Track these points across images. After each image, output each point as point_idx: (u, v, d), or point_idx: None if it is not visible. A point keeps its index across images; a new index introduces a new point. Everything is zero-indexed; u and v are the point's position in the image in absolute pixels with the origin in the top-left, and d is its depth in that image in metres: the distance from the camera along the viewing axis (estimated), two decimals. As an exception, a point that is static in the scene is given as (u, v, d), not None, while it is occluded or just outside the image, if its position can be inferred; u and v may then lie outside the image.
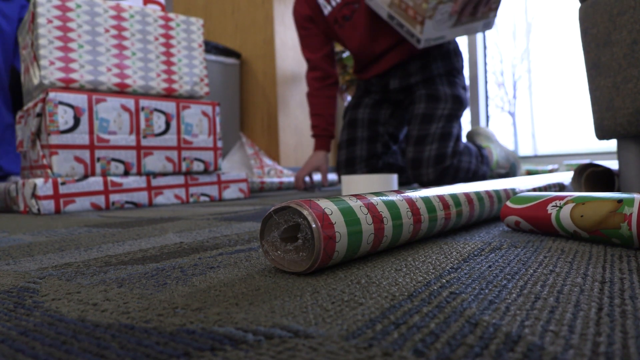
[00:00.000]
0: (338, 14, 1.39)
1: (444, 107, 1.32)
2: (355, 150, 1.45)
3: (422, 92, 1.35)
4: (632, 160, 0.69)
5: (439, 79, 1.36)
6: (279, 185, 1.64)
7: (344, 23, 1.39)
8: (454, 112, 1.33)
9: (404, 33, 1.25)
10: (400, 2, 1.20)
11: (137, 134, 1.10)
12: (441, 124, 1.30)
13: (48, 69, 1.01)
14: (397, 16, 1.23)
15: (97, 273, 0.33)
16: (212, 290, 0.27)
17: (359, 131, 1.45)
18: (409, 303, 0.23)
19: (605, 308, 0.21)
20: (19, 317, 0.23)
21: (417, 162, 1.30)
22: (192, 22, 1.24)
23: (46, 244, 0.50)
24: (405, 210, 0.36)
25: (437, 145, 1.28)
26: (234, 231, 0.55)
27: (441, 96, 1.33)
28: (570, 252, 0.34)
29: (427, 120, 1.31)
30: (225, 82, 2.17)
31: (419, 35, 1.20)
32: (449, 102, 1.33)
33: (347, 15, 1.37)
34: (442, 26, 1.20)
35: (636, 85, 0.63)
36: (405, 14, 1.21)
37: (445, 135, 1.29)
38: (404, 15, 1.21)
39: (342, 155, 1.47)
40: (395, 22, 1.25)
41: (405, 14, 1.20)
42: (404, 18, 1.22)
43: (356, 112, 1.48)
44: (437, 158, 1.27)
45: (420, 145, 1.30)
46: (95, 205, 1.02)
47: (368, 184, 0.91)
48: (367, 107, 1.47)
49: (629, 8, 0.63)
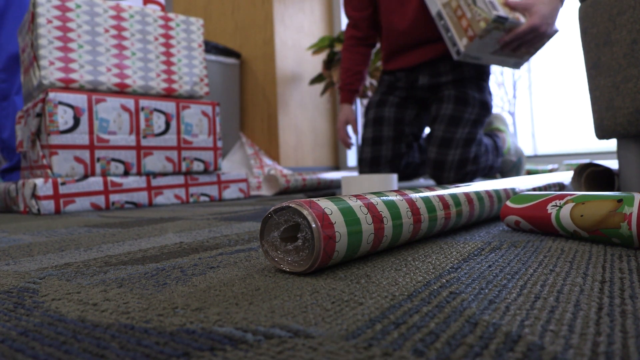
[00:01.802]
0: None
1: (472, 112, 1.32)
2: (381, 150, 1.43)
3: (452, 93, 1.34)
4: (632, 160, 0.69)
5: (469, 82, 1.36)
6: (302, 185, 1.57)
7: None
8: (480, 118, 1.33)
9: (446, 38, 1.22)
10: (457, 8, 1.16)
11: (137, 134, 1.10)
12: (467, 130, 1.30)
13: (48, 69, 1.01)
14: (447, 18, 1.20)
15: (97, 273, 0.33)
16: (212, 290, 0.27)
17: (385, 130, 1.44)
18: (409, 303, 0.23)
19: (605, 308, 0.21)
20: (19, 317, 0.23)
21: (439, 164, 1.30)
22: (192, 22, 1.24)
23: (46, 244, 0.50)
24: (405, 210, 0.36)
25: (461, 150, 1.28)
26: (234, 231, 0.55)
27: (470, 100, 1.32)
28: (570, 252, 0.34)
29: (454, 123, 1.31)
30: (225, 82, 2.17)
31: (461, 47, 1.18)
32: (477, 107, 1.33)
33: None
34: (484, 49, 1.19)
35: (636, 84, 0.63)
36: (457, 21, 1.18)
37: (469, 140, 1.30)
38: (455, 21, 1.18)
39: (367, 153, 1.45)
40: (443, 23, 1.21)
41: (458, 22, 1.17)
42: (453, 25, 1.18)
43: (382, 110, 1.45)
44: (459, 163, 1.28)
45: (445, 148, 1.30)
46: (95, 206, 1.02)
47: (368, 183, 0.91)
48: (393, 106, 1.45)
49: (628, 8, 0.63)
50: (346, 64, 1.50)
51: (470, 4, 1.14)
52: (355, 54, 1.49)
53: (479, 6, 1.12)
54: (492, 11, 1.09)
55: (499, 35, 1.14)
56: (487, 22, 1.10)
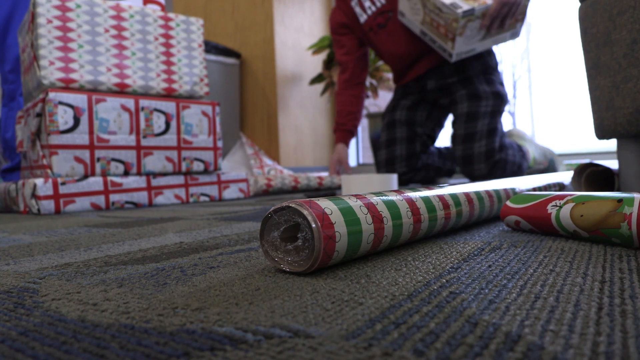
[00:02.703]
0: (373, 22, 1.46)
1: (486, 105, 1.37)
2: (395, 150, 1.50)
3: (462, 92, 1.40)
4: (632, 160, 0.69)
5: (476, 78, 1.41)
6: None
7: (378, 30, 1.46)
8: (496, 109, 1.38)
9: (437, 48, 1.32)
10: (432, 21, 1.26)
11: (137, 134, 1.10)
12: (486, 121, 1.35)
13: (48, 69, 1.01)
14: (429, 33, 1.30)
15: (97, 273, 0.33)
16: (212, 290, 0.27)
17: (397, 132, 1.50)
18: (409, 303, 0.23)
19: (605, 308, 0.21)
20: (19, 317, 0.23)
21: (468, 158, 1.35)
22: (192, 22, 1.24)
23: (46, 244, 0.50)
24: (405, 210, 0.36)
25: (485, 141, 1.33)
26: (234, 231, 0.55)
27: (481, 94, 1.37)
28: (570, 252, 0.34)
29: (471, 119, 1.36)
30: (225, 82, 2.17)
31: (450, 50, 1.27)
32: (490, 99, 1.37)
33: (382, 23, 1.45)
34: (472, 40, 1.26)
35: (636, 84, 0.63)
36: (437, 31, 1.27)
37: (491, 131, 1.35)
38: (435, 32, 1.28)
39: (382, 155, 1.53)
40: (428, 38, 1.32)
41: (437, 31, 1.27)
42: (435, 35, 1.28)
43: (394, 114, 1.54)
44: (487, 153, 1.33)
45: (469, 142, 1.35)
46: (95, 205, 1.02)
47: (368, 183, 0.91)
48: (404, 110, 1.52)
49: (628, 8, 0.63)
50: (339, 106, 1.58)
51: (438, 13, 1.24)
52: (348, 96, 1.57)
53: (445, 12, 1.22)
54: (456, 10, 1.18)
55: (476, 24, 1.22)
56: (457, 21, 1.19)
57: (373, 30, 1.48)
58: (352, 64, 1.56)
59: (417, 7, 1.30)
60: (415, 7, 1.30)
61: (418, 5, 1.29)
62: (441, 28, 1.25)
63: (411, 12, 1.32)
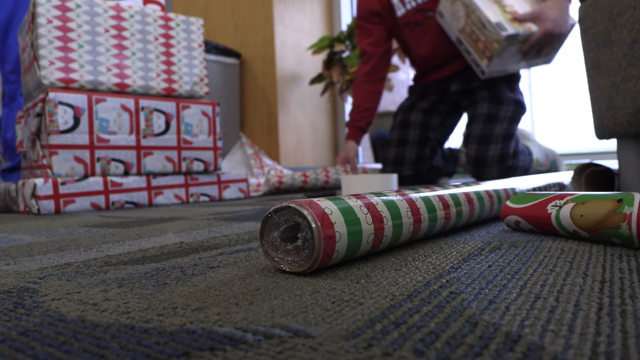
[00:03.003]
0: (411, 18, 1.42)
1: (507, 110, 1.36)
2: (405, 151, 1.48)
3: (485, 94, 1.39)
4: (632, 160, 0.69)
5: (501, 83, 1.40)
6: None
7: (414, 28, 1.43)
8: (516, 115, 1.37)
9: (470, 60, 1.30)
10: (472, 33, 1.23)
11: (137, 134, 1.10)
12: (505, 125, 1.35)
13: (48, 69, 1.01)
14: (466, 43, 1.28)
15: (97, 273, 0.33)
16: (212, 290, 0.27)
17: (410, 133, 1.49)
18: (409, 303, 0.23)
19: (605, 308, 0.21)
20: (19, 317, 0.23)
21: (481, 160, 1.34)
22: (192, 22, 1.24)
23: (46, 244, 0.50)
24: (405, 210, 0.36)
25: (501, 145, 1.33)
26: (234, 231, 0.55)
27: (504, 99, 1.37)
28: (570, 252, 0.34)
29: (491, 120, 1.35)
30: (225, 82, 2.17)
31: (484, 68, 1.25)
32: (512, 105, 1.37)
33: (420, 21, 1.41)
34: (507, 62, 1.25)
35: (636, 84, 0.63)
36: (474, 44, 1.24)
37: (508, 136, 1.34)
38: (473, 45, 1.25)
39: (391, 153, 1.50)
40: (463, 47, 1.29)
41: (475, 45, 1.24)
42: (472, 47, 1.26)
43: (409, 114, 1.51)
44: (500, 157, 1.32)
45: (485, 144, 1.34)
46: (95, 205, 1.02)
47: (368, 183, 0.91)
48: (420, 112, 1.50)
49: (628, 8, 0.63)
50: (356, 100, 1.51)
51: (481, 28, 1.20)
52: (366, 92, 1.50)
53: (489, 29, 1.17)
54: (500, 32, 1.14)
55: (516, 47, 1.20)
56: (499, 43, 1.16)
57: (409, 27, 1.43)
58: (377, 57, 1.49)
59: (458, 14, 1.26)
60: (457, 13, 1.27)
61: (460, 13, 1.25)
62: (480, 43, 1.22)
63: (451, 16, 1.29)
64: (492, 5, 1.20)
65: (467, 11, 1.22)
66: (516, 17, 1.18)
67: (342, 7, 2.56)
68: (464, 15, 1.24)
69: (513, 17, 1.18)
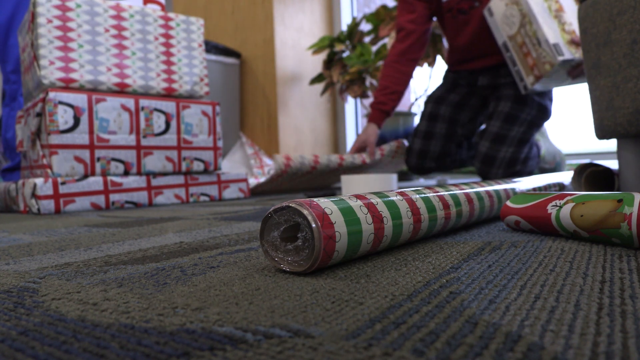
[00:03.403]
0: (456, 5, 1.37)
1: (529, 113, 1.32)
2: (430, 145, 1.45)
3: (510, 92, 1.35)
4: (632, 160, 0.69)
5: None
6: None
7: (457, 15, 1.37)
8: (536, 121, 1.34)
9: (514, 71, 1.22)
10: (523, 44, 1.15)
11: (137, 133, 1.10)
12: (522, 129, 1.31)
13: (48, 68, 1.01)
14: (513, 52, 1.20)
15: (97, 273, 0.33)
16: (212, 290, 0.27)
17: (438, 126, 1.45)
18: (409, 303, 0.23)
19: (605, 308, 0.21)
20: (19, 316, 0.23)
21: (490, 159, 1.31)
22: (192, 22, 1.24)
23: (46, 244, 0.50)
24: (405, 210, 0.36)
25: (513, 149, 1.30)
26: (234, 231, 0.55)
27: (528, 101, 1.33)
28: (570, 252, 0.34)
29: (510, 121, 1.31)
30: (225, 82, 2.17)
31: (528, 85, 1.18)
32: (534, 109, 1.33)
33: (465, 9, 1.36)
34: (553, 82, 1.19)
35: (636, 84, 0.63)
36: (523, 58, 1.17)
37: (523, 141, 1.31)
38: (521, 57, 1.17)
39: (417, 145, 1.46)
40: (509, 55, 1.22)
41: (523, 58, 1.17)
42: (519, 60, 1.18)
43: (439, 107, 1.46)
44: (510, 161, 1.30)
45: (498, 144, 1.31)
46: (95, 205, 1.02)
47: (368, 183, 0.91)
48: (450, 106, 1.46)
49: (629, 8, 0.63)
50: (385, 81, 1.41)
51: (535, 44, 1.12)
52: (398, 72, 1.41)
53: (544, 48, 1.10)
54: (557, 56, 1.08)
55: (566, 70, 1.13)
56: (553, 66, 1.09)
57: (452, 13, 1.37)
58: (416, 35, 1.39)
59: (512, 20, 1.17)
60: (510, 18, 1.17)
61: (515, 19, 1.16)
62: (530, 58, 1.14)
63: (503, 19, 1.20)
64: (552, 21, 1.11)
65: (524, 21, 1.13)
66: (574, 39, 1.10)
67: (342, 7, 2.56)
68: (518, 23, 1.15)
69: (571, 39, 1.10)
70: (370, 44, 2.03)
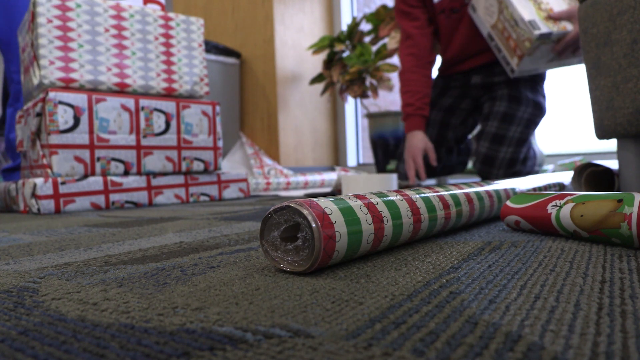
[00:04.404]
0: (447, 5, 1.38)
1: (525, 111, 1.33)
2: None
3: (504, 92, 1.35)
4: (632, 160, 0.69)
5: (523, 83, 1.37)
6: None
7: (451, 15, 1.39)
8: (533, 118, 1.34)
9: (500, 58, 1.25)
10: (504, 30, 1.19)
11: (137, 133, 1.10)
12: (520, 129, 1.31)
13: (48, 68, 1.01)
14: (497, 40, 1.23)
15: (97, 273, 0.33)
16: (212, 290, 0.27)
17: (428, 132, 1.45)
18: (409, 303, 0.23)
19: (605, 308, 0.21)
20: (19, 316, 0.23)
21: (490, 159, 1.31)
22: (192, 21, 1.24)
23: (46, 244, 0.50)
24: (405, 210, 0.36)
25: (513, 149, 1.30)
26: (234, 231, 0.55)
27: (523, 99, 1.33)
28: (570, 252, 0.34)
29: (507, 120, 1.32)
30: (225, 82, 2.17)
31: (514, 67, 1.21)
32: (530, 106, 1.33)
33: (456, 7, 1.37)
34: (538, 61, 1.20)
35: (636, 85, 0.63)
36: (505, 42, 1.20)
37: (522, 141, 1.31)
38: (504, 42, 1.21)
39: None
40: (494, 44, 1.25)
41: (506, 42, 1.20)
42: (503, 45, 1.21)
43: (430, 112, 1.45)
44: (510, 161, 1.30)
45: (497, 144, 1.31)
46: (95, 205, 1.02)
47: (368, 183, 0.91)
48: (440, 110, 1.46)
49: (629, 8, 0.63)
50: (412, 86, 1.39)
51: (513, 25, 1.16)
52: (422, 76, 1.40)
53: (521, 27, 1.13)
54: (533, 31, 1.10)
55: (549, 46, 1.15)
56: (531, 42, 1.12)
57: (445, 13, 1.39)
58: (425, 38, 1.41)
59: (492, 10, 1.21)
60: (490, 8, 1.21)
61: (494, 8, 1.20)
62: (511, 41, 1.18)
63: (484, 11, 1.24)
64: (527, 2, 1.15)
65: (501, 7, 1.18)
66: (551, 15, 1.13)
67: (342, 7, 2.56)
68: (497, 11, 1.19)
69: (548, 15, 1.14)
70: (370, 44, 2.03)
